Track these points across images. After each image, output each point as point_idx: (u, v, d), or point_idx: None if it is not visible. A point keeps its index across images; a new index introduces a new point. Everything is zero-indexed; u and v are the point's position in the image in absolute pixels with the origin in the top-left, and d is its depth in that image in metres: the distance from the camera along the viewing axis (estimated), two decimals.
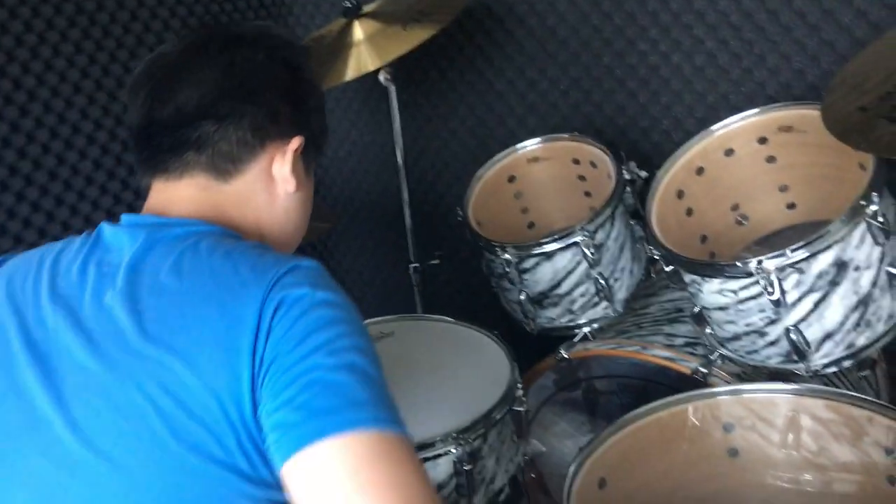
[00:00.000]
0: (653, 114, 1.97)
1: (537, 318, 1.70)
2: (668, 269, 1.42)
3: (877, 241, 1.23)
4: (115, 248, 0.91)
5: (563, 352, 1.62)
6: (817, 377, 1.33)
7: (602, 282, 1.60)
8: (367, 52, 1.81)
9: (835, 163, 1.40)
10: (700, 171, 1.55)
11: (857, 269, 1.23)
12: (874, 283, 1.25)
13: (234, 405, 0.78)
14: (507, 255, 1.62)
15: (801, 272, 1.23)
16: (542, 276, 1.62)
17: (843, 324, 1.26)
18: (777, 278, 1.23)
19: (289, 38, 1.09)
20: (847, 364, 1.30)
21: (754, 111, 1.51)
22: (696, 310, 1.44)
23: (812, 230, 1.22)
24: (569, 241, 1.57)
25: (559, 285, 1.63)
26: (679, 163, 1.54)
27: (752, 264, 1.24)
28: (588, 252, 1.56)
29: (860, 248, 1.23)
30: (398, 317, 1.75)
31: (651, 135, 1.99)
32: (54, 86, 1.91)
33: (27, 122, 1.86)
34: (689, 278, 1.39)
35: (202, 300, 0.83)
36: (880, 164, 1.24)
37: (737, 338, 1.37)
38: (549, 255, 1.60)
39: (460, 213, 1.77)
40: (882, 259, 1.24)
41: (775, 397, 1.23)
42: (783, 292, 1.24)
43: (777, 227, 1.57)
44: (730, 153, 1.54)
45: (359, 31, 1.86)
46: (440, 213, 2.39)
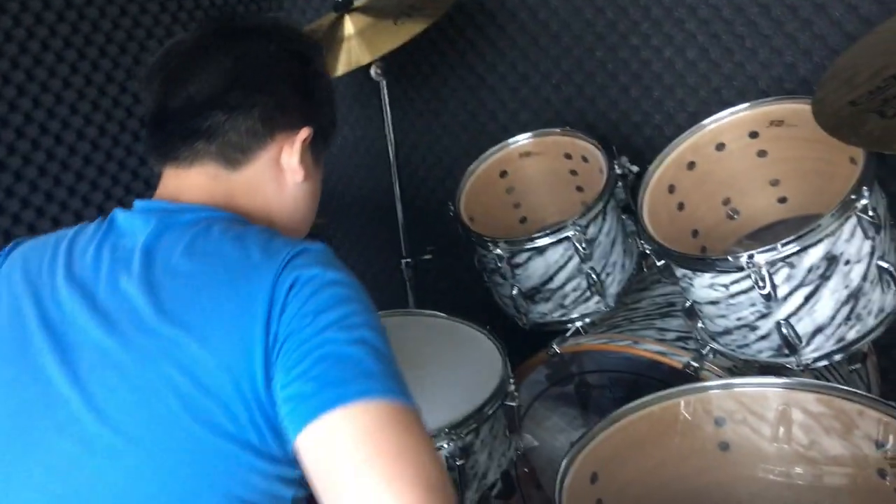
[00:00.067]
0: (644, 108, 1.97)
1: (529, 313, 1.70)
2: (660, 263, 1.43)
3: (867, 235, 1.23)
4: (129, 233, 0.93)
5: (556, 346, 1.62)
6: (808, 371, 1.34)
7: (594, 276, 1.60)
8: (358, 46, 1.81)
9: (826, 157, 1.40)
10: (691, 165, 1.55)
11: (847, 263, 1.24)
12: (865, 277, 1.25)
13: (248, 382, 0.81)
14: (499, 250, 1.62)
15: (792, 266, 1.23)
16: (534, 271, 1.62)
17: (833, 318, 1.26)
18: (768, 272, 1.23)
19: (300, 30, 1.11)
20: (838, 358, 1.31)
21: (745, 105, 1.51)
22: (688, 304, 1.44)
23: (803, 224, 1.23)
24: (560, 236, 1.57)
25: (551, 280, 1.63)
26: (670, 157, 1.54)
27: (743, 258, 1.24)
28: (580, 247, 1.56)
29: (851, 242, 1.23)
30: (390, 312, 1.75)
31: (643, 129, 1.99)
32: (66, 76, 2.01)
33: (40, 112, 1.95)
34: (680, 273, 1.39)
35: (215, 281, 0.86)
36: (871, 158, 1.24)
37: (728, 332, 1.37)
38: (540, 250, 1.60)
39: (452, 208, 1.77)
40: (872, 253, 1.25)
41: (766, 391, 1.23)
42: (774, 286, 1.24)
43: (768, 221, 1.58)
44: (721, 147, 1.54)
45: (350, 25, 1.85)
46: (432, 208, 2.38)
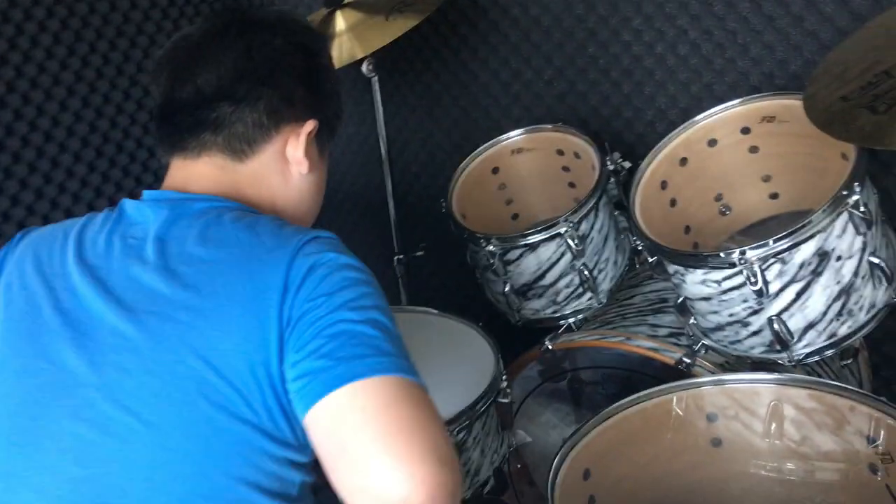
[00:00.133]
0: (636, 104, 1.97)
1: (522, 310, 1.70)
2: (652, 259, 1.43)
3: (859, 231, 1.23)
4: (139, 222, 0.95)
5: (548, 343, 1.62)
6: (800, 367, 1.34)
7: (586, 273, 1.60)
8: (349, 42, 1.80)
9: (817, 153, 1.40)
10: (683, 161, 1.55)
11: (839, 258, 1.24)
12: (856, 273, 1.25)
13: (262, 366, 0.82)
14: (492, 247, 1.61)
15: (784, 262, 1.24)
16: (526, 268, 1.62)
17: (825, 313, 1.27)
18: (760, 268, 1.23)
19: (307, 23, 1.12)
20: (829, 353, 1.31)
21: (737, 101, 1.50)
22: (680, 300, 1.44)
23: (795, 220, 1.23)
24: (553, 233, 1.57)
25: (543, 276, 1.62)
26: (663, 153, 1.54)
27: (735, 255, 1.24)
28: (572, 243, 1.56)
29: (842, 237, 1.23)
30: None
31: (635, 125, 1.99)
32: (77, 69, 2.03)
33: (52, 105, 1.98)
34: (672, 269, 1.39)
35: (230, 267, 0.87)
36: (862, 153, 1.24)
37: (720, 328, 1.37)
38: (533, 247, 1.59)
39: (444, 205, 1.77)
40: (864, 249, 1.25)
41: (758, 387, 1.23)
42: (766, 282, 1.24)
43: (760, 217, 1.58)
44: (713, 143, 1.54)
45: (341, 21, 1.84)
46: (424, 205, 2.37)
